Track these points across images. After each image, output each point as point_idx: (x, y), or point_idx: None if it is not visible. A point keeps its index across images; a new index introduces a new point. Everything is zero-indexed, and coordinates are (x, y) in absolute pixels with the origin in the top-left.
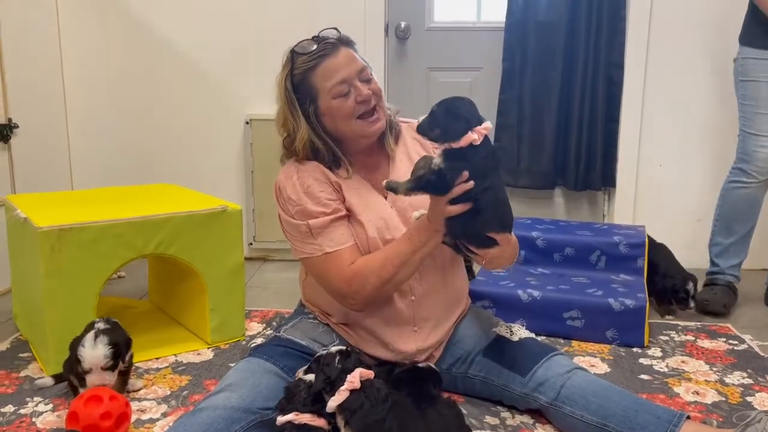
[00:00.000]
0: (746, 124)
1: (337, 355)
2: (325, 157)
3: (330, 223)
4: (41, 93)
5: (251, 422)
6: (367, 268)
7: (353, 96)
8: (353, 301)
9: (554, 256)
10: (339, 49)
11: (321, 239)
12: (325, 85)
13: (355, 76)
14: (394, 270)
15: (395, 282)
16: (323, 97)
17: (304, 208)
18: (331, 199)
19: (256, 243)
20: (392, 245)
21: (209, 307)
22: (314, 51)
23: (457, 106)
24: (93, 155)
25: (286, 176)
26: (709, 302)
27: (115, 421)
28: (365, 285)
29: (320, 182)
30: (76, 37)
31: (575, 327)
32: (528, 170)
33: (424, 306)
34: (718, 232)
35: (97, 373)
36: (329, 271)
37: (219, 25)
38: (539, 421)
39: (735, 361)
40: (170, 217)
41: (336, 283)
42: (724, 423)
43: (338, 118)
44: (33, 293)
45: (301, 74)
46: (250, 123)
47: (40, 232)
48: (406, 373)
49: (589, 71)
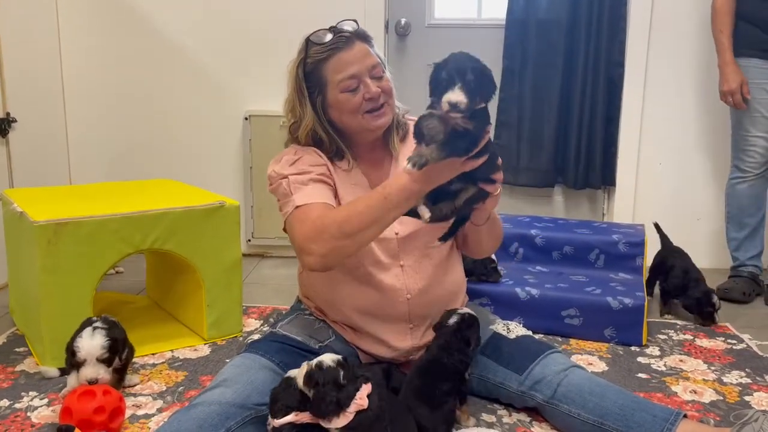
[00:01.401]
0: (741, 123)
1: (339, 369)
2: (328, 148)
3: (309, 182)
4: (40, 88)
5: (246, 418)
6: (328, 217)
7: (362, 92)
8: (309, 251)
9: (553, 254)
10: (354, 43)
11: (296, 195)
12: (335, 77)
13: (366, 72)
14: (360, 226)
15: (359, 240)
16: (332, 89)
17: (283, 173)
18: (318, 170)
19: (254, 239)
20: (363, 199)
21: (206, 302)
22: (328, 42)
23: (476, 63)
24: (91, 150)
25: (279, 157)
26: (729, 290)
27: (109, 415)
28: (322, 235)
29: (314, 160)
30: (75, 31)
31: (573, 325)
32: (528, 168)
33: (419, 304)
34: (731, 229)
35: (92, 364)
36: (294, 224)
37: (218, 21)
38: (536, 419)
39: (733, 360)
40: (167, 212)
41: (297, 235)
42: (721, 422)
43: (344, 112)
44: (29, 288)
45: (313, 64)
46: (249, 119)
47: (36, 227)
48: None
49: (590, 69)
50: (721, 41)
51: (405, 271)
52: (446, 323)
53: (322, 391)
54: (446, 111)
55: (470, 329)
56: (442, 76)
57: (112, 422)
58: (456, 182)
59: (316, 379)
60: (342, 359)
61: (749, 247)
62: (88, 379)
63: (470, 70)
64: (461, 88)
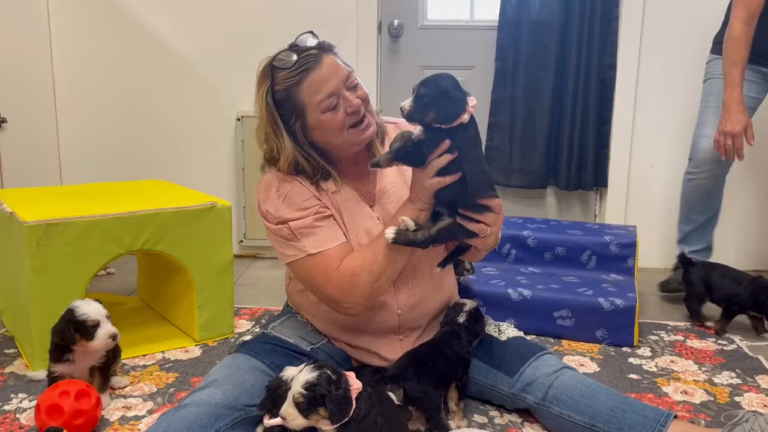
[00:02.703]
0: (699, 119)
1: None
2: (311, 174)
3: (313, 223)
4: (31, 88)
5: (236, 419)
6: (355, 265)
7: (343, 108)
8: (348, 304)
9: (545, 255)
10: (322, 59)
11: (304, 240)
12: (313, 99)
13: (342, 86)
14: (386, 261)
15: (389, 274)
16: (311, 112)
17: (282, 218)
18: (312, 204)
19: (246, 240)
20: (377, 240)
21: (197, 304)
22: (296, 64)
23: (445, 85)
24: (82, 151)
25: (265, 188)
26: (668, 282)
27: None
28: (357, 283)
29: (302, 191)
30: (66, 32)
31: (565, 326)
32: (520, 170)
33: (410, 318)
34: (681, 220)
35: (106, 324)
36: (316, 276)
37: (209, 21)
38: (527, 420)
39: (724, 361)
40: (158, 212)
41: (325, 289)
42: (712, 422)
43: (329, 132)
44: (18, 289)
45: (285, 90)
46: (241, 120)
47: (25, 227)
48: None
49: (582, 71)
50: (732, 75)
51: (397, 287)
52: (455, 319)
53: (338, 397)
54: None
55: (478, 323)
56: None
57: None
58: (438, 205)
59: (325, 390)
60: (332, 375)
61: (694, 242)
62: (111, 333)
63: (432, 86)
64: (412, 98)
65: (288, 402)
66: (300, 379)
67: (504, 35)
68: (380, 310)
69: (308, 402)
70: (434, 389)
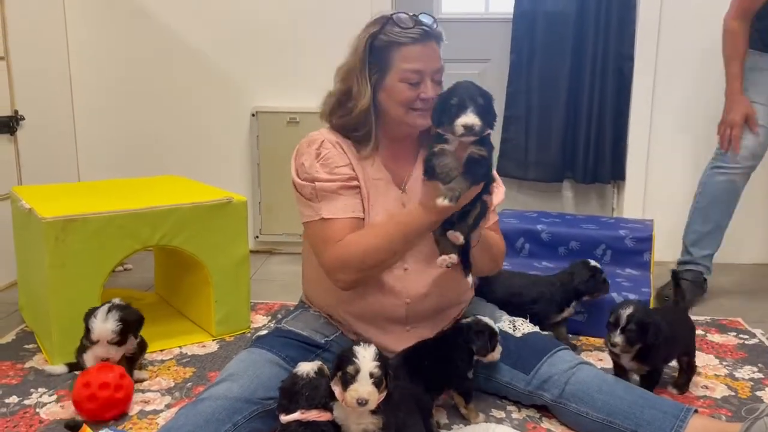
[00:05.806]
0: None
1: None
2: (357, 134)
3: (337, 190)
4: (48, 85)
5: (253, 412)
6: (350, 247)
7: (419, 90)
8: (336, 280)
9: (559, 250)
10: (430, 41)
11: (323, 203)
12: (401, 65)
13: (430, 73)
14: (379, 258)
15: (380, 269)
16: (392, 74)
17: (312, 175)
18: (345, 172)
19: (262, 236)
20: (383, 231)
21: (214, 299)
22: (410, 29)
23: (482, 91)
24: (99, 147)
25: (308, 143)
26: (669, 299)
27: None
28: (346, 267)
29: (340, 158)
30: (83, 28)
31: (579, 322)
32: (536, 163)
33: (418, 309)
34: (693, 220)
35: (103, 346)
36: (321, 242)
37: (226, 17)
38: (545, 414)
39: (745, 355)
40: (175, 208)
41: (322, 256)
42: (733, 417)
43: (394, 101)
44: (38, 284)
45: (386, 43)
46: (256, 115)
47: (44, 223)
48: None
49: (598, 63)
50: (730, 69)
51: (407, 274)
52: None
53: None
54: (459, 135)
55: (478, 335)
56: (451, 103)
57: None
58: (467, 205)
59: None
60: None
61: (706, 245)
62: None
63: (479, 95)
64: (473, 111)
65: (364, 381)
66: (366, 357)
67: (519, 27)
68: (389, 296)
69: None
70: (425, 392)
